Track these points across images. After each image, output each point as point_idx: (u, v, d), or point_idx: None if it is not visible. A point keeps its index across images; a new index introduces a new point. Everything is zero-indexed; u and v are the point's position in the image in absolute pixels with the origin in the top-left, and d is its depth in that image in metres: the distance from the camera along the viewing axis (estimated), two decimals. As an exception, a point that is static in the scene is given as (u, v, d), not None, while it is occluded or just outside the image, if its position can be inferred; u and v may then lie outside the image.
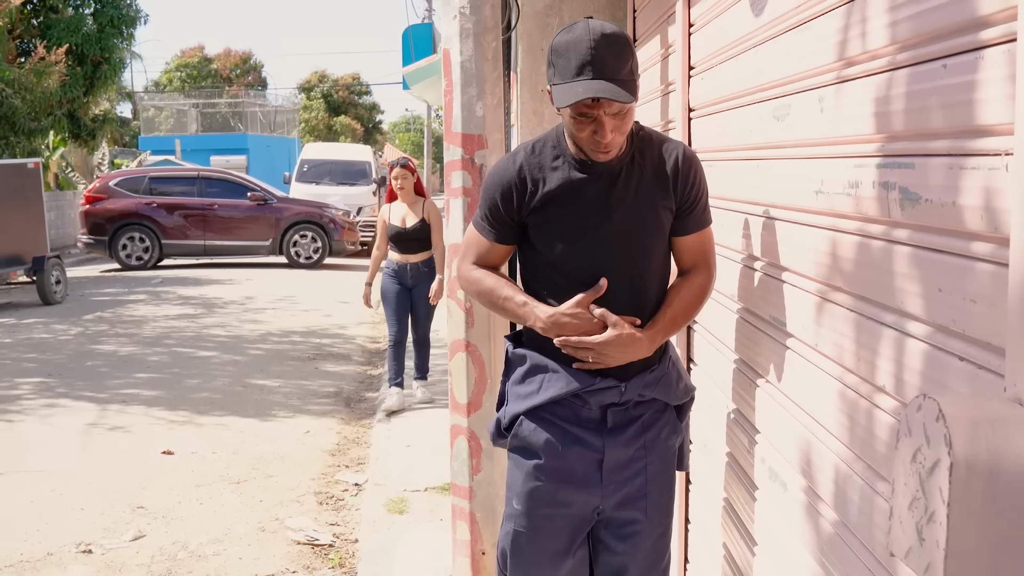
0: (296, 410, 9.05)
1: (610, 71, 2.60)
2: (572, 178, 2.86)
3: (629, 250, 2.84)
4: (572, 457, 2.91)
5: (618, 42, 2.64)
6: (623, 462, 2.90)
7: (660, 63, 4.27)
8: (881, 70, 1.80)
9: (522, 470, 2.99)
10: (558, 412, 2.93)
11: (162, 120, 48.26)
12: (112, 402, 9.29)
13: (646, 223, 2.85)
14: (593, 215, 2.83)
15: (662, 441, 2.95)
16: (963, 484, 1.20)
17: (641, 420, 2.92)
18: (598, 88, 2.57)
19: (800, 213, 2.32)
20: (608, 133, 2.66)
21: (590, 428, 2.91)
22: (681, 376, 3.02)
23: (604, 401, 2.88)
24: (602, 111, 2.63)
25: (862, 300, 1.93)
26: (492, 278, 3.04)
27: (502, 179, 2.95)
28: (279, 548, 5.71)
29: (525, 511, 2.99)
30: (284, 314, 14.78)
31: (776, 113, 2.51)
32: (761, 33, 2.65)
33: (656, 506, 2.96)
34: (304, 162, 27.97)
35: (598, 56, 2.59)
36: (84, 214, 21.40)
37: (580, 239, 2.85)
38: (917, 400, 1.27)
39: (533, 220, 2.92)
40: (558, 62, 2.68)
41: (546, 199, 2.88)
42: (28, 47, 22.45)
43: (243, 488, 6.79)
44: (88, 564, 5.47)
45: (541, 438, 2.94)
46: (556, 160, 2.89)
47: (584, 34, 2.63)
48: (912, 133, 1.69)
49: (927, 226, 1.63)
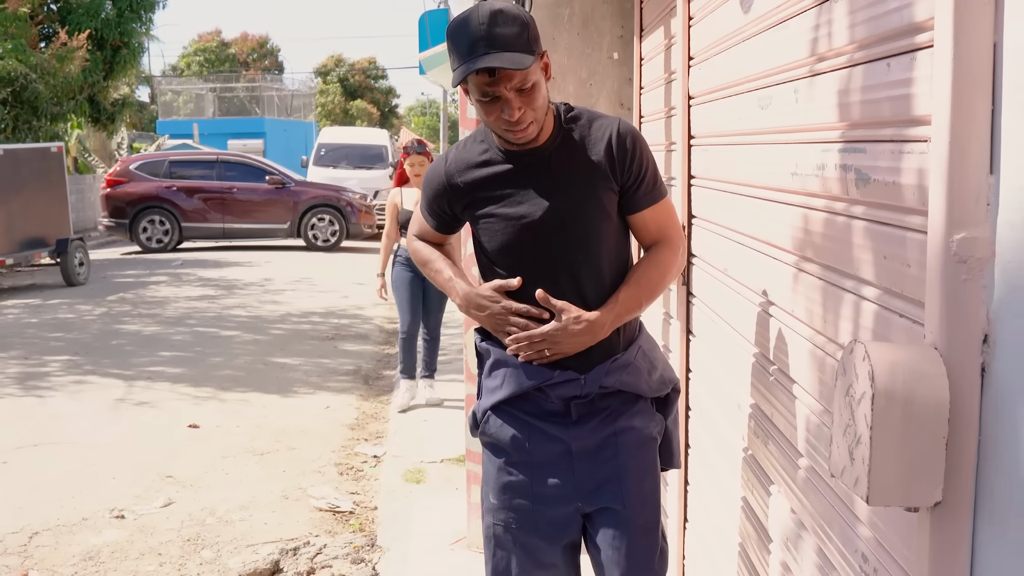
0: (316, 387, 9.34)
1: (502, 42, 2.54)
2: (498, 170, 2.81)
3: (567, 238, 2.76)
4: (539, 451, 2.86)
5: (506, 14, 2.58)
6: (591, 449, 2.83)
7: (664, 52, 4.51)
8: (843, 66, 2.06)
9: (494, 465, 2.95)
10: (522, 406, 2.88)
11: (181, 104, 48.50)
12: (138, 379, 9.60)
13: (583, 208, 2.76)
14: (523, 204, 2.78)
15: (636, 429, 2.86)
16: (883, 412, 1.46)
17: (609, 410, 2.84)
18: (488, 60, 2.52)
19: (779, 192, 2.57)
20: (515, 110, 2.60)
21: (555, 421, 2.85)
22: (655, 367, 2.93)
23: (565, 394, 2.81)
24: (503, 87, 2.57)
25: (828, 269, 2.19)
26: (428, 250, 3.08)
27: (432, 178, 2.95)
28: (302, 514, 6.00)
29: (500, 504, 2.93)
30: (303, 295, 15.07)
31: (760, 103, 2.76)
32: (749, 29, 2.89)
33: (636, 496, 2.84)
34: (321, 146, 28.27)
35: (488, 29, 2.54)
36: (105, 197, 21.72)
37: (513, 231, 2.79)
38: (850, 345, 1.53)
39: (468, 216, 2.91)
40: (453, 46, 2.62)
41: (475, 195, 2.84)
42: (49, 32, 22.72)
43: (267, 459, 7.08)
44: (121, 528, 5.76)
45: (507, 434, 2.89)
46: (483, 154, 2.85)
47: (474, 13, 2.58)
48: (866, 122, 1.94)
49: (876, 203, 1.88)
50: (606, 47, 5.64)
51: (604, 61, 5.64)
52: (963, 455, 1.50)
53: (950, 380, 1.49)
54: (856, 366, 1.51)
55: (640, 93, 5.24)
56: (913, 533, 1.63)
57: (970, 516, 1.52)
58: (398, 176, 8.38)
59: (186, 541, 5.58)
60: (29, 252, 15.98)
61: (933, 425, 1.47)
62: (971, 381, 1.50)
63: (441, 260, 3.05)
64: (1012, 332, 1.43)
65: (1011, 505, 1.43)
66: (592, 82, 5.64)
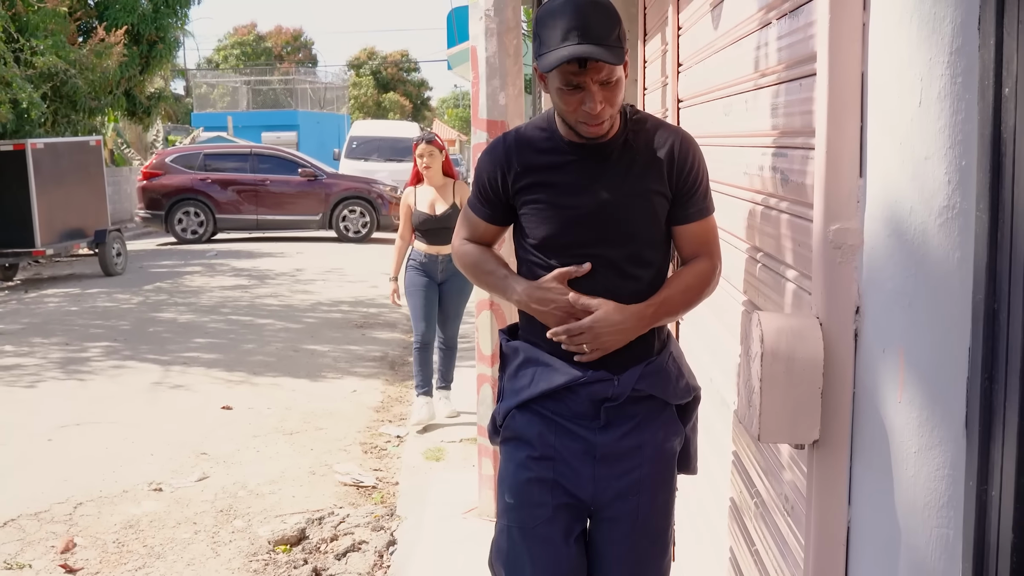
0: (344, 372, 9.75)
1: (596, 35, 2.52)
2: (560, 160, 2.78)
3: (615, 233, 2.74)
4: (564, 449, 2.83)
5: (605, 8, 2.59)
6: (616, 456, 2.81)
7: (660, 58, 4.87)
8: (774, 83, 2.42)
9: (514, 461, 2.92)
10: (550, 406, 2.85)
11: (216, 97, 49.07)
12: (174, 364, 10.04)
13: (635, 207, 2.74)
14: (578, 195, 2.75)
15: (659, 442, 2.85)
16: (770, 367, 1.83)
17: (637, 419, 2.82)
18: (585, 50, 2.50)
19: (736, 189, 2.94)
20: (597, 103, 2.57)
21: (583, 423, 2.82)
22: (682, 374, 2.91)
23: (597, 395, 2.78)
24: (590, 78, 2.55)
25: (768, 256, 2.55)
26: (479, 251, 3.01)
27: (491, 160, 2.90)
28: (328, 489, 6.40)
29: (518, 503, 2.90)
30: (333, 285, 15.49)
31: (724, 110, 3.12)
32: (718, 43, 3.25)
33: (650, 508, 2.86)
34: (353, 139, 28.70)
35: (584, 20, 2.52)
36: (141, 189, 22.27)
37: (561, 220, 2.77)
38: (747, 314, 1.90)
39: (520, 200, 2.85)
40: (543, 32, 2.59)
41: (532, 180, 2.81)
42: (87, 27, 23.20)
43: (295, 439, 7.49)
44: (159, 500, 6.18)
45: (534, 430, 2.87)
46: (546, 140, 2.82)
47: (569, 2, 2.57)
48: (787, 132, 2.30)
49: (792, 199, 2.25)
50: (613, 50, 5.98)
51: (611, 63, 5.99)
52: (839, 403, 1.87)
53: (827, 343, 1.86)
54: (752, 331, 1.88)
55: (644, 93, 5.59)
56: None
57: (847, 453, 1.89)
58: (413, 174, 7.76)
59: (219, 512, 5.99)
60: (68, 243, 16.48)
61: (810, 378, 1.84)
62: (846, 343, 1.86)
63: (492, 260, 2.99)
64: (877, 304, 1.79)
65: (878, 443, 1.79)
66: (600, 83, 5.99)
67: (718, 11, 3.21)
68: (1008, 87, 1.47)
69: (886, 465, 1.78)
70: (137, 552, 5.41)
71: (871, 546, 1.87)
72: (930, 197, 1.65)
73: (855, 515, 1.92)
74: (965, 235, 1.57)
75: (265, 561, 5.28)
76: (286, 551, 5.40)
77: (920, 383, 1.70)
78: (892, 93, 1.73)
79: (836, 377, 1.86)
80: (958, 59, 1.57)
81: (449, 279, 7.60)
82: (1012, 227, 1.47)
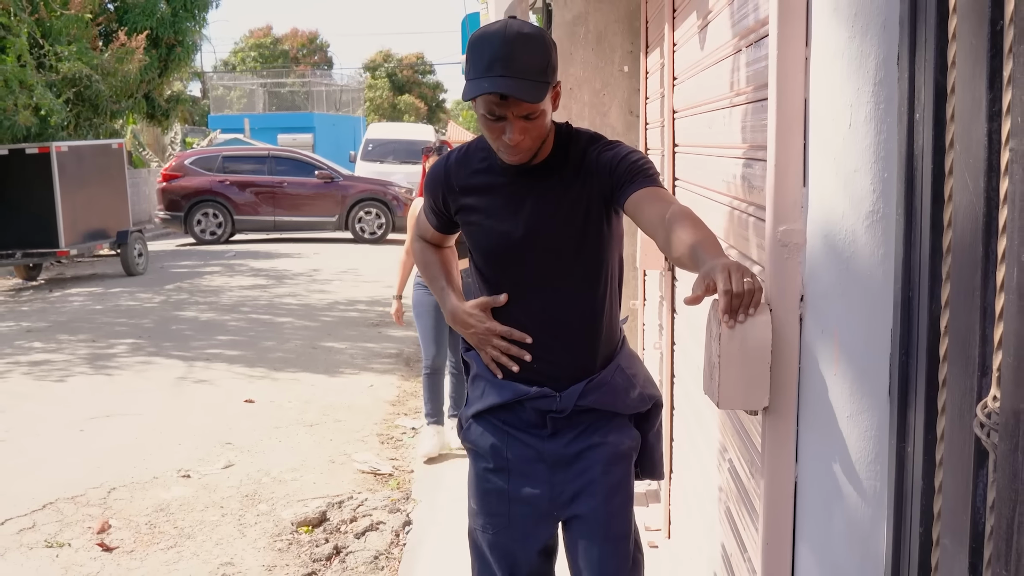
0: (361, 368, 10.11)
1: (520, 68, 2.52)
2: (492, 181, 2.82)
3: (549, 258, 2.78)
4: (516, 459, 2.93)
5: (533, 41, 2.57)
6: (566, 461, 2.89)
7: (659, 70, 5.22)
8: (743, 103, 2.76)
9: (474, 471, 3.04)
10: (502, 416, 2.94)
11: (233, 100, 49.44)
12: (197, 360, 10.42)
13: (569, 229, 2.76)
14: (510, 217, 2.80)
15: (609, 444, 2.90)
16: (727, 347, 2.17)
17: (584, 425, 2.89)
18: (504, 84, 2.51)
19: (718, 194, 3.28)
20: (516, 134, 2.60)
21: (532, 432, 2.91)
22: (634, 385, 2.94)
23: (542, 408, 2.86)
24: (511, 111, 2.56)
25: (740, 253, 2.90)
26: (429, 254, 3.16)
27: (433, 178, 2.97)
28: (347, 476, 6.76)
29: (479, 509, 3.03)
30: (349, 285, 15.86)
31: (708, 123, 3.47)
32: (703, 62, 3.60)
33: (606, 510, 2.90)
34: (369, 141, 29.04)
35: (508, 52, 2.52)
36: (161, 191, 22.67)
37: (496, 245, 2.83)
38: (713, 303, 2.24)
39: (460, 219, 2.94)
40: (471, 57, 2.59)
41: (469, 201, 2.88)
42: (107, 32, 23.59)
43: (315, 430, 7.86)
44: (187, 486, 6.55)
45: (487, 441, 2.97)
46: (482, 161, 2.85)
47: (500, 30, 2.56)
48: (753, 145, 2.65)
49: (754, 203, 2.60)
50: (617, 61, 6.35)
51: (616, 73, 6.36)
52: (786, 376, 2.22)
53: (776, 326, 2.20)
54: (714, 316, 2.22)
55: (646, 103, 5.94)
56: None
57: (794, 418, 2.23)
58: (422, 184, 6.86)
59: (244, 496, 6.35)
60: (92, 243, 16.88)
61: (761, 355, 2.19)
62: (792, 326, 2.21)
63: (438, 266, 3.13)
64: (817, 293, 2.14)
65: (819, 410, 2.14)
66: (605, 92, 6.36)
67: (703, 33, 3.56)
68: (919, 113, 1.81)
69: (825, 428, 2.12)
70: (168, 532, 5.77)
71: (814, 497, 2.21)
72: (858, 203, 1.98)
73: (801, 471, 2.26)
74: (887, 235, 1.91)
75: (289, 541, 5.64)
76: (308, 531, 5.77)
77: (852, 359, 2.04)
78: (828, 116, 2.07)
79: (784, 354, 2.21)
80: (880, 89, 1.91)
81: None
82: (923, 229, 1.81)
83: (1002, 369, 1.44)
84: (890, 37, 1.87)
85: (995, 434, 1.49)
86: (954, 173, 1.69)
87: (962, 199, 1.64)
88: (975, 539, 1.64)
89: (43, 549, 5.53)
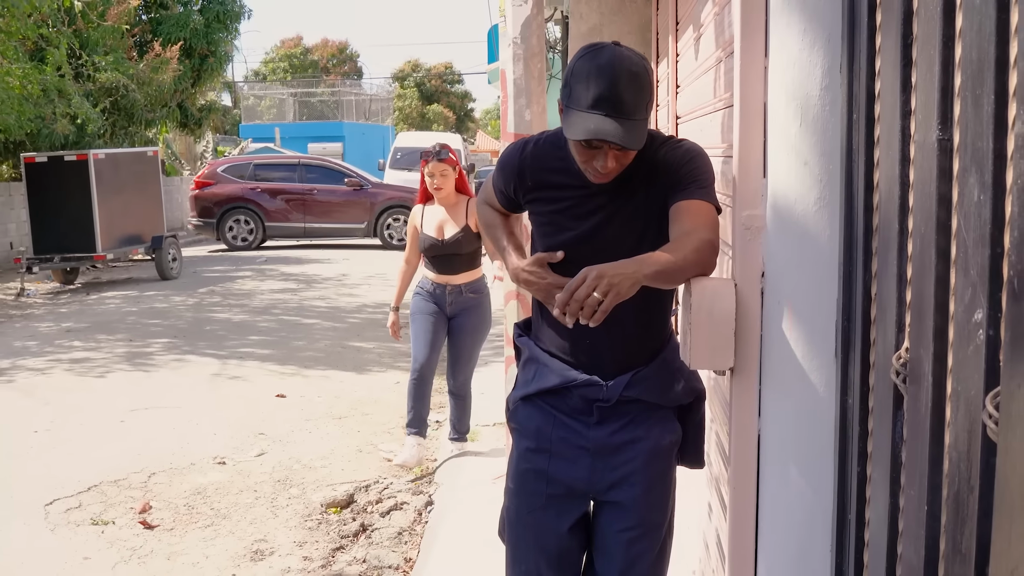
0: (388, 366, 10.49)
1: (626, 110, 2.56)
2: (567, 183, 2.86)
3: (611, 257, 2.58)
4: (560, 442, 2.97)
5: (639, 80, 2.60)
6: (609, 450, 2.94)
7: (666, 79, 5.57)
8: (723, 107, 3.12)
9: (517, 451, 3.09)
10: (550, 400, 2.99)
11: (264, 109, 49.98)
12: (231, 358, 10.84)
13: (635, 231, 2.82)
14: (579, 220, 2.86)
15: (652, 438, 2.94)
16: (697, 315, 2.52)
17: (629, 416, 2.93)
18: (610, 131, 2.53)
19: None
20: (609, 164, 2.66)
21: (579, 418, 2.96)
22: (678, 379, 2.97)
23: (589, 396, 2.92)
24: (608, 146, 2.62)
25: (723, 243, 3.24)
26: (495, 216, 3.16)
27: (507, 163, 3.00)
28: (373, 464, 7.14)
29: (516, 489, 3.08)
30: (376, 289, 16.25)
31: (701, 127, 3.82)
32: (697, 71, 3.95)
33: (644, 502, 2.96)
34: (397, 150, 29.56)
35: (617, 93, 2.55)
36: (194, 198, 23.08)
37: (562, 242, 2.89)
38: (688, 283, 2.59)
39: (529, 208, 3.01)
40: (576, 85, 2.61)
41: (540, 195, 2.93)
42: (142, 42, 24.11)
43: (344, 422, 8.24)
44: (223, 472, 6.94)
45: (533, 423, 3.02)
46: (559, 162, 2.87)
47: (609, 66, 2.57)
48: (728, 143, 3.00)
49: (729, 194, 2.94)
50: (630, 70, 6.68)
51: (629, 82, 6.68)
52: (749, 341, 2.56)
53: (741, 298, 2.55)
54: (687, 290, 2.57)
55: (656, 109, 6.29)
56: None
57: (756, 379, 2.58)
58: (421, 191, 6.86)
59: (277, 482, 6.73)
60: (127, 248, 17.38)
61: (726, 323, 2.54)
62: (754, 298, 2.56)
63: (501, 227, 3.13)
64: (775, 270, 2.49)
65: (778, 370, 2.48)
66: (618, 99, 6.68)
67: (697, 45, 3.91)
68: (856, 114, 2.16)
69: (782, 386, 2.46)
70: (205, 513, 6.16)
71: (774, 449, 2.55)
72: (808, 191, 2.33)
73: (763, 423, 2.61)
74: (832, 218, 2.25)
75: (318, 520, 6.02)
76: (337, 512, 6.14)
77: (804, 325, 2.38)
78: (783, 117, 2.42)
79: (747, 322, 2.56)
80: (826, 94, 2.26)
81: (460, 314, 6.92)
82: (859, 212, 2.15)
83: (910, 324, 1.77)
84: (834, 49, 2.22)
85: (907, 380, 1.83)
86: (880, 164, 2.03)
87: (885, 186, 1.98)
88: (895, 470, 1.97)
89: (89, 526, 5.92)
